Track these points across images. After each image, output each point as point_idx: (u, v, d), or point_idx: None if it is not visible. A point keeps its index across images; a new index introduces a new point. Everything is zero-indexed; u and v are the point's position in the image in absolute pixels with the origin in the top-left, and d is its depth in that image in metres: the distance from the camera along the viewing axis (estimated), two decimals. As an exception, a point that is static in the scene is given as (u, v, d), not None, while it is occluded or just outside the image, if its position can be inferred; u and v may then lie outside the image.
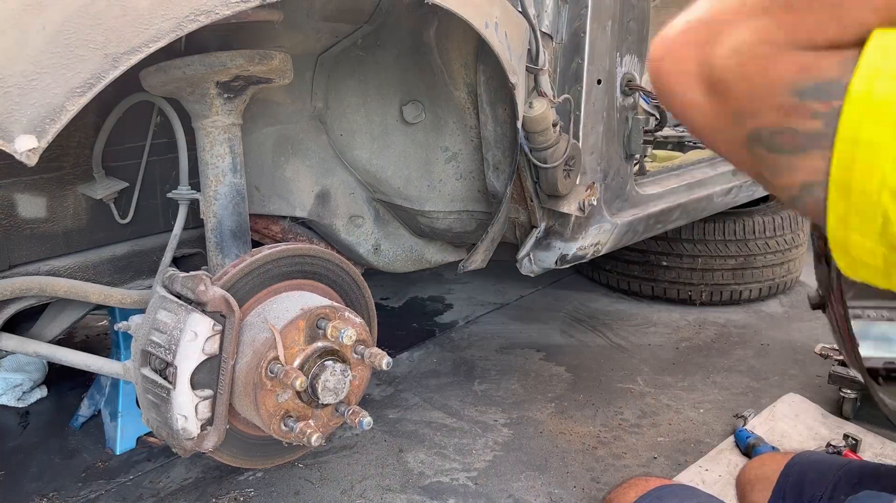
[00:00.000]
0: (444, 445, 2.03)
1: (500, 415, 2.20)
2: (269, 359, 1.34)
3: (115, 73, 0.97)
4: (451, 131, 1.99)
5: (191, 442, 1.32)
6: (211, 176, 1.49)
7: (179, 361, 1.26)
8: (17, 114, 0.92)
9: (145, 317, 1.36)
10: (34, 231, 1.52)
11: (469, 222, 2.11)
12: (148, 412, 1.36)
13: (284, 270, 1.48)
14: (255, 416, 1.37)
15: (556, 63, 1.93)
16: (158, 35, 1.00)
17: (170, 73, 1.36)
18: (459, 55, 1.85)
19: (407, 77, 1.93)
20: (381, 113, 2.00)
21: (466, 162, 2.02)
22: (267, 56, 1.39)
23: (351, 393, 1.46)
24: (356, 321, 1.44)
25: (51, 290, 1.47)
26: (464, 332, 2.90)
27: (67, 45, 0.94)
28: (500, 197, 1.91)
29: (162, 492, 1.80)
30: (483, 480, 1.87)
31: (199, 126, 1.46)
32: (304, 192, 2.03)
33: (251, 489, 1.81)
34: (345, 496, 1.79)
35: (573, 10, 1.90)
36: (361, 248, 2.20)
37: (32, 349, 1.55)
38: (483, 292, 3.37)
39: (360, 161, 2.06)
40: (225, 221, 1.51)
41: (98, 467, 1.91)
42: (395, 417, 2.18)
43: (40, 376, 2.32)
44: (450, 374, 2.50)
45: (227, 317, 1.30)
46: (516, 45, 1.63)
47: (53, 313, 1.70)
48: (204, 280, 1.29)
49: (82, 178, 1.59)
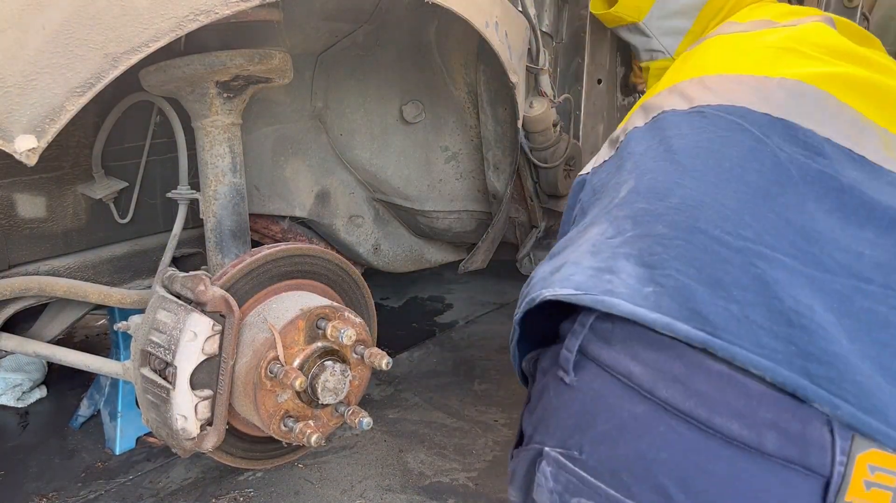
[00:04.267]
0: (444, 445, 2.03)
1: (500, 415, 2.20)
2: (269, 360, 1.33)
3: (114, 72, 0.97)
4: (451, 131, 1.99)
5: (190, 442, 1.32)
6: (211, 176, 1.48)
7: (179, 361, 1.25)
8: (16, 113, 0.91)
9: (145, 317, 1.36)
10: (34, 231, 1.52)
11: (469, 222, 2.11)
12: (147, 412, 1.36)
13: (284, 270, 1.47)
14: (255, 416, 1.37)
15: (556, 63, 1.93)
16: (158, 35, 1.00)
17: (169, 72, 1.36)
18: (460, 55, 1.85)
19: (407, 76, 1.93)
20: (380, 112, 2.00)
21: (466, 161, 2.02)
22: (266, 56, 1.39)
23: (351, 393, 1.46)
24: (356, 321, 1.44)
25: (50, 290, 1.47)
26: (464, 332, 2.90)
27: (67, 44, 0.94)
28: (501, 197, 1.91)
29: (161, 493, 1.80)
30: (483, 480, 1.87)
31: (198, 126, 1.46)
32: (304, 191, 2.03)
33: (251, 489, 1.81)
34: (345, 496, 1.79)
35: (573, 9, 1.90)
36: (361, 248, 2.20)
37: (32, 349, 1.55)
38: (483, 292, 3.37)
39: (360, 161, 2.06)
40: (224, 221, 1.50)
41: (97, 467, 1.91)
42: (395, 417, 2.18)
43: (40, 376, 2.31)
44: (450, 374, 2.50)
45: (227, 317, 1.30)
46: (517, 44, 1.63)
47: (53, 313, 1.70)
48: (203, 280, 1.29)
49: (82, 177, 1.59)
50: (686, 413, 0.73)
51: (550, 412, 0.86)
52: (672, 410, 0.74)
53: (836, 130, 0.91)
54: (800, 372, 0.69)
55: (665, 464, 0.73)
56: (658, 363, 0.76)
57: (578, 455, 0.79)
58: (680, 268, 0.78)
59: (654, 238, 0.82)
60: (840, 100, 0.95)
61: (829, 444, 0.67)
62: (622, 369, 0.78)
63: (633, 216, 0.87)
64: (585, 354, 0.83)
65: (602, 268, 0.82)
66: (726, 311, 0.74)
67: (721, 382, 0.72)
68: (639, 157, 0.98)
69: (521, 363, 1.01)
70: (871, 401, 0.67)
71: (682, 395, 0.73)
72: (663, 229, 0.83)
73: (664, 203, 0.86)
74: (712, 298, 0.75)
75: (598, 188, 1.04)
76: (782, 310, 0.73)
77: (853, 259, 0.78)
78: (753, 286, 0.75)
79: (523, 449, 0.90)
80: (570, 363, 0.83)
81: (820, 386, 0.68)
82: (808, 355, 0.70)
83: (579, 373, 0.83)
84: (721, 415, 0.71)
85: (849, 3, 2.03)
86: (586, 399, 0.81)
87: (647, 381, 0.76)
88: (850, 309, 0.74)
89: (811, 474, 0.68)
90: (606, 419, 0.78)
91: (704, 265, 0.78)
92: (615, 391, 0.78)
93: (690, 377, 0.73)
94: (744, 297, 0.74)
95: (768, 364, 0.70)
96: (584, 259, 0.85)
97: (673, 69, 1.26)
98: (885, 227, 0.81)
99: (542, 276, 0.88)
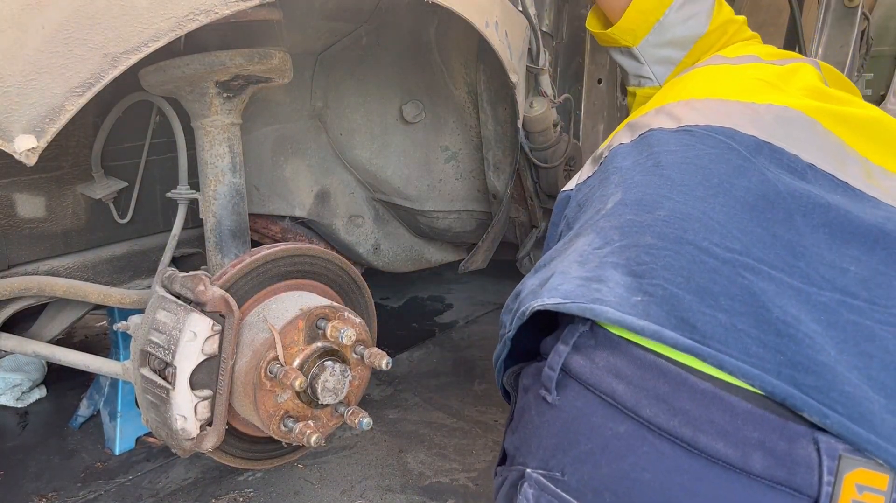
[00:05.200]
0: (444, 445, 2.03)
1: (500, 415, 2.20)
2: (269, 360, 1.33)
3: (114, 72, 0.97)
4: (451, 130, 1.99)
5: (190, 442, 1.32)
6: (210, 175, 1.48)
7: (179, 361, 1.25)
8: (16, 113, 0.91)
9: (144, 317, 1.36)
10: (33, 231, 1.52)
11: (469, 222, 2.11)
12: (147, 412, 1.36)
13: (284, 270, 1.47)
14: (255, 417, 1.37)
15: (556, 62, 1.93)
16: (158, 34, 1.00)
17: (169, 72, 1.36)
18: (460, 54, 1.85)
19: (407, 76, 1.93)
20: (380, 112, 2.00)
21: (466, 161, 2.02)
22: (266, 55, 1.39)
23: (350, 393, 1.46)
24: (356, 321, 1.43)
25: (50, 290, 1.46)
26: (464, 332, 2.90)
27: (66, 44, 0.94)
28: (501, 196, 1.91)
29: (161, 493, 1.80)
30: (483, 481, 1.86)
31: (198, 125, 1.46)
32: (304, 191, 2.03)
33: (251, 489, 1.80)
34: (345, 496, 1.79)
35: (573, 9, 1.90)
36: (361, 248, 2.19)
37: (31, 349, 1.54)
38: (483, 292, 3.36)
39: (360, 160, 2.06)
40: (224, 221, 1.50)
41: (97, 467, 1.91)
42: (395, 417, 2.18)
43: (39, 376, 2.31)
44: (450, 374, 2.50)
45: (227, 318, 1.30)
46: (517, 44, 1.63)
47: (52, 313, 1.70)
48: (203, 280, 1.28)
49: (81, 177, 1.59)
50: (670, 432, 0.72)
51: (532, 432, 0.85)
52: (656, 429, 0.73)
53: (821, 156, 0.92)
54: (788, 381, 0.69)
55: (649, 484, 0.72)
56: (642, 381, 0.75)
57: (560, 476, 0.78)
58: (668, 278, 0.78)
59: (642, 248, 0.82)
60: (825, 127, 0.96)
61: (816, 464, 0.66)
62: (605, 387, 0.77)
63: (620, 227, 0.87)
64: (568, 372, 0.82)
65: (590, 277, 0.82)
66: (714, 320, 0.73)
67: (706, 400, 0.71)
68: (626, 170, 0.98)
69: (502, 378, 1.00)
70: (859, 411, 0.67)
71: (665, 414, 0.72)
72: (651, 239, 0.83)
73: (652, 215, 0.86)
74: (700, 307, 0.74)
75: (583, 202, 1.03)
76: (770, 320, 0.73)
77: (838, 274, 0.78)
78: (741, 296, 0.75)
79: (506, 468, 0.89)
80: (552, 382, 0.82)
81: (808, 395, 0.68)
82: (796, 365, 0.70)
83: (562, 391, 0.82)
84: (706, 434, 0.70)
85: (849, 2, 2.03)
86: (568, 418, 0.80)
87: (630, 400, 0.75)
88: (836, 321, 0.74)
89: (798, 495, 0.66)
90: (589, 438, 0.77)
91: (693, 275, 0.77)
92: (598, 410, 0.77)
93: (674, 395, 0.72)
94: (732, 307, 0.74)
95: (756, 373, 0.69)
96: (572, 269, 0.85)
97: (660, 94, 1.26)
98: (869, 244, 0.81)
99: (531, 289, 0.88)
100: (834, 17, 2.00)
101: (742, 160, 0.90)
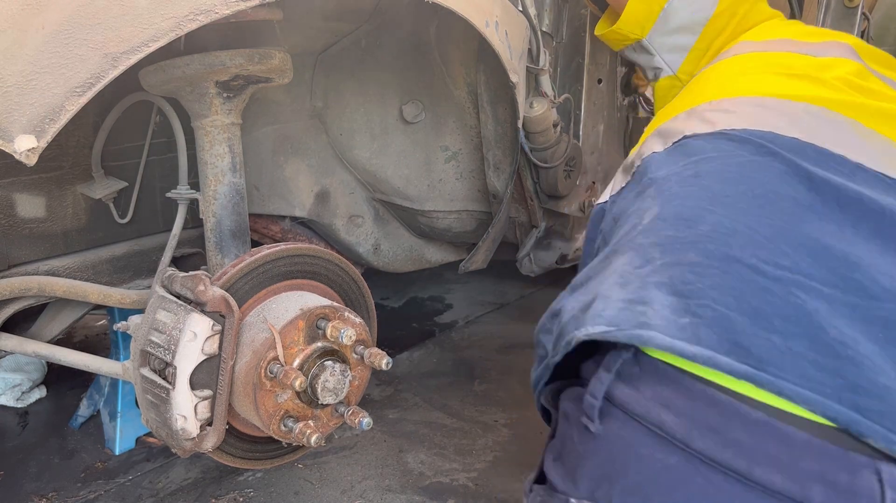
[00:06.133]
0: (444, 445, 2.03)
1: (500, 415, 2.20)
2: (269, 360, 1.33)
3: (114, 72, 0.97)
4: (451, 131, 1.99)
5: (190, 442, 1.32)
6: (210, 175, 1.48)
7: (179, 361, 1.25)
8: (16, 113, 0.91)
9: (144, 317, 1.36)
10: (33, 231, 1.52)
11: (469, 222, 2.11)
12: (147, 412, 1.36)
13: (284, 270, 1.47)
14: (255, 417, 1.37)
15: (556, 63, 1.93)
16: (158, 34, 1.00)
17: (169, 72, 1.36)
18: (460, 54, 1.85)
19: (407, 76, 1.93)
20: (380, 112, 2.00)
21: (466, 161, 2.02)
22: (266, 55, 1.39)
23: (351, 393, 1.46)
24: (356, 321, 1.43)
25: (50, 290, 1.47)
26: (464, 332, 2.90)
27: (66, 44, 0.94)
28: (501, 196, 1.91)
29: (161, 493, 1.80)
30: (483, 480, 1.86)
31: (198, 125, 1.46)
32: (304, 191, 2.03)
33: (251, 489, 1.80)
34: (345, 496, 1.79)
35: (573, 9, 1.90)
36: (361, 248, 2.19)
37: (31, 349, 1.54)
38: (483, 292, 3.36)
39: (360, 160, 2.06)
40: (224, 221, 1.50)
41: (97, 467, 1.91)
42: (395, 417, 2.18)
43: (39, 376, 2.31)
44: (450, 374, 2.50)
45: (227, 318, 1.30)
46: (517, 44, 1.63)
47: (52, 313, 1.70)
48: (203, 280, 1.28)
49: (81, 177, 1.59)
50: (723, 464, 0.68)
51: (575, 461, 0.81)
52: (708, 461, 0.69)
53: (868, 156, 0.88)
54: (850, 406, 0.65)
55: None
56: (692, 411, 0.71)
57: None
58: (717, 298, 0.73)
59: (686, 266, 0.78)
60: (867, 126, 0.92)
61: (879, 495, 0.63)
62: (654, 418, 0.74)
63: (660, 244, 0.83)
64: (611, 400, 0.78)
65: (633, 299, 0.78)
66: (769, 343, 0.69)
67: (760, 431, 0.67)
68: (661, 181, 0.94)
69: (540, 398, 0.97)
70: None
71: (718, 446, 0.69)
72: (696, 257, 0.78)
73: (694, 230, 0.82)
74: (754, 329, 0.70)
75: (619, 215, 0.99)
76: (827, 341, 0.69)
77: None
78: (795, 316, 0.71)
79: (548, 492, 0.85)
80: (594, 410, 0.78)
81: (873, 420, 0.64)
82: (857, 388, 0.66)
83: (605, 420, 0.78)
84: (761, 467, 0.67)
85: (849, 2, 2.03)
86: (614, 448, 0.77)
87: (680, 431, 0.71)
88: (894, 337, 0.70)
89: None
90: (637, 470, 0.74)
91: (743, 295, 0.73)
92: (645, 440, 0.74)
93: (727, 426, 0.69)
94: (786, 329, 0.70)
95: (819, 398, 0.66)
96: (614, 291, 0.80)
97: (687, 91, 1.21)
98: None
99: (573, 314, 0.83)
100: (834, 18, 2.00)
101: (786, 165, 0.86)
